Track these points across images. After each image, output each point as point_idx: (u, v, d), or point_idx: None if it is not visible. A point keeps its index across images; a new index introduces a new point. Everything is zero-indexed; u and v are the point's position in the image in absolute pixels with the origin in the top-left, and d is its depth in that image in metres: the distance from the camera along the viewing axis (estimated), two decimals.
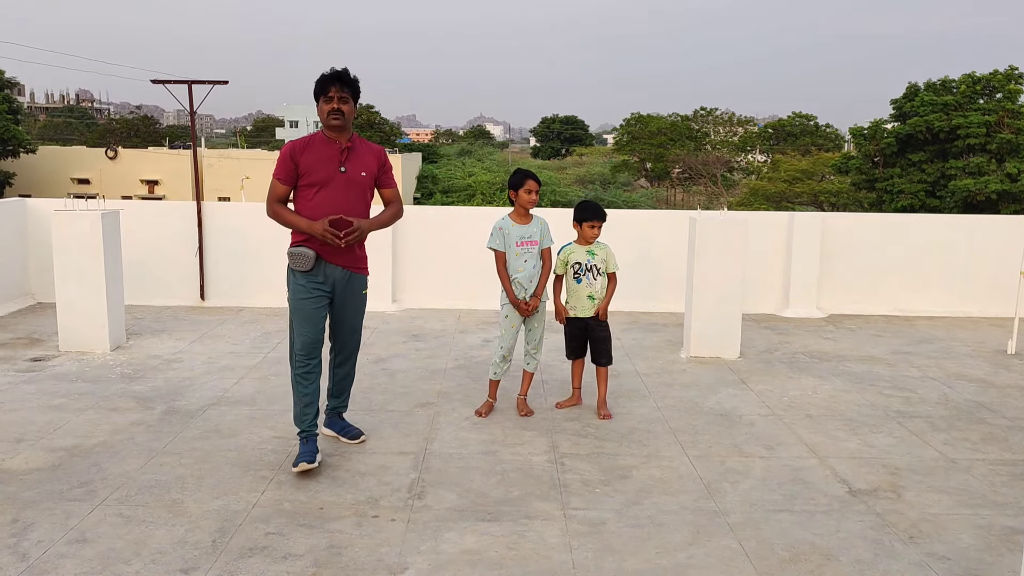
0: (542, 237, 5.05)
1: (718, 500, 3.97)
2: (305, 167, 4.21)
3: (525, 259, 4.97)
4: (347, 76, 4.22)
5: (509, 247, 4.98)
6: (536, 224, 5.06)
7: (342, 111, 4.21)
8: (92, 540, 3.48)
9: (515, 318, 5.05)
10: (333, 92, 4.19)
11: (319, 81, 4.22)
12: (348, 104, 4.23)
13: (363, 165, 4.31)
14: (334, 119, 4.20)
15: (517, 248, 4.97)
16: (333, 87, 4.19)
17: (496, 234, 5.02)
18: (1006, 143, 25.78)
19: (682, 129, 54.40)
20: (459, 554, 3.42)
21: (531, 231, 5.02)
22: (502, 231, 5.00)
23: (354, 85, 4.26)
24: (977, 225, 8.52)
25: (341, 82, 4.20)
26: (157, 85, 8.30)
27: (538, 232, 5.04)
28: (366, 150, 4.38)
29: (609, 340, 5.21)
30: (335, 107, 4.19)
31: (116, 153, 40.90)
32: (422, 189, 47.18)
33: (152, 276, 8.20)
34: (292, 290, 4.28)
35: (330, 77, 4.20)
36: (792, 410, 5.32)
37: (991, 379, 6.10)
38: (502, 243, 5.00)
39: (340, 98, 4.20)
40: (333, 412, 4.70)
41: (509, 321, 5.06)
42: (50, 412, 5.04)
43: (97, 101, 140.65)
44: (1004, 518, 3.82)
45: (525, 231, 5.00)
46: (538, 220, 5.09)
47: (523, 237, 4.99)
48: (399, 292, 8.33)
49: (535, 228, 5.04)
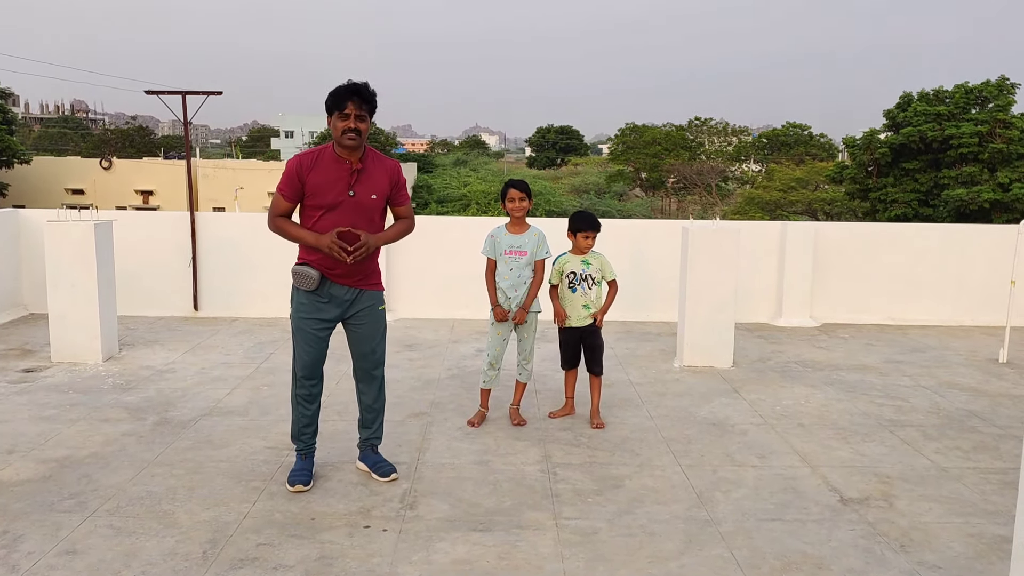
0: (536, 248, 5.05)
1: (710, 509, 3.97)
2: (312, 187, 3.91)
3: (511, 267, 5.01)
4: (366, 91, 3.87)
5: (499, 255, 5.04)
6: (530, 235, 5.07)
7: (359, 130, 3.85)
8: (82, 552, 3.46)
9: (501, 326, 5.07)
10: (350, 109, 3.82)
11: (334, 94, 3.86)
12: (365, 122, 3.87)
13: (374, 187, 3.99)
14: (349, 139, 3.85)
15: (505, 256, 5.03)
16: (351, 103, 3.82)
17: (488, 241, 5.10)
18: (998, 153, 25.89)
19: (677, 139, 54.52)
20: (451, 564, 3.41)
21: (522, 241, 5.04)
22: (493, 238, 5.08)
23: (372, 101, 3.90)
24: (969, 234, 8.56)
25: (360, 97, 3.84)
26: (151, 96, 8.31)
27: (531, 243, 5.04)
28: (378, 168, 4.04)
29: (602, 349, 5.23)
30: (351, 126, 3.83)
31: (111, 163, 40.84)
32: (417, 199, 47.20)
33: (145, 287, 8.18)
34: (295, 308, 4.08)
35: (347, 91, 3.84)
36: (785, 419, 5.33)
37: (983, 388, 6.12)
38: (492, 250, 5.06)
39: (357, 116, 3.84)
40: (366, 445, 4.34)
41: (495, 329, 5.10)
42: (42, 423, 5.03)
43: (92, 112, 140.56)
44: (995, 526, 3.83)
45: (515, 240, 5.04)
46: (534, 231, 5.10)
47: (512, 246, 5.03)
48: (393, 302, 8.32)
49: (528, 239, 5.05)
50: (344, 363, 4.45)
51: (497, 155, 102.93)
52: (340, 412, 5.26)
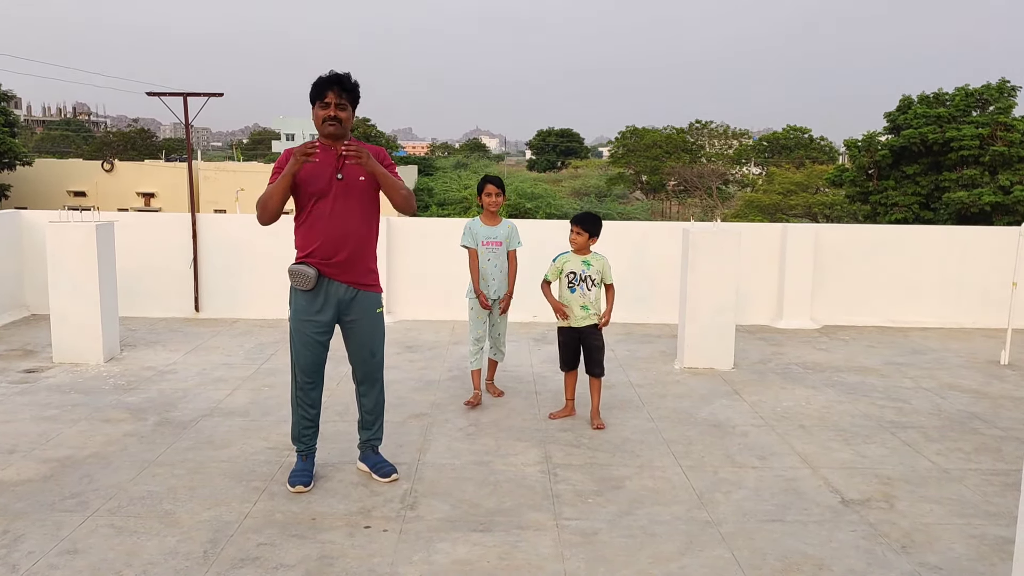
0: (508, 239, 5.51)
1: (711, 510, 3.97)
2: (301, 177, 3.94)
3: (488, 257, 5.46)
4: (347, 81, 3.93)
5: (477, 245, 5.43)
6: (503, 227, 5.52)
7: (339, 118, 3.91)
8: (83, 551, 3.46)
9: (478, 309, 5.51)
10: (330, 97, 3.90)
11: (316, 84, 3.93)
12: (346, 111, 3.94)
13: (362, 169, 3.96)
14: (329, 126, 3.91)
15: (482, 247, 5.45)
16: (331, 92, 3.90)
17: (467, 232, 5.50)
18: (999, 155, 25.89)
19: (677, 142, 54.55)
20: (451, 564, 3.41)
21: (496, 232, 5.48)
22: (471, 230, 5.48)
23: (354, 91, 3.97)
24: (970, 236, 8.56)
25: (340, 87, 3.91)
26: (153, 98, 8.32)
27: (504, 234, 5.50)
28: None
29: (602, 350, 5.23)
30: (331, 114, 3.90)
31: (112, 166, 40.90)
32: (418, 201, 47.09)
33: (146, 288, 8.19)
34: (293, 310, 4.07)
35: (328, 81, 3.90)
36: (785, 421, 5.32)
37: (984, 389, 6.12)
38: (472, 240, 5.46)
39: (338, 104, 3.91)
40: (366, 446, 4.34)
41: (475, 313, 5.54)
42: (43, 423, 5.03)
43: (94, 114, 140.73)
44: (997, 528, 3.82)
45: (491, 232, 5.47)
46: (506, 223, 5.57)
47: (488, 237, 5.46)
48: (393, 304, 8.33)
49: (502, 230, 5.50)
50: (344, 364, 4.44)
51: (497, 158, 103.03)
52: (341, 413, 5.26)
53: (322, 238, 3.96)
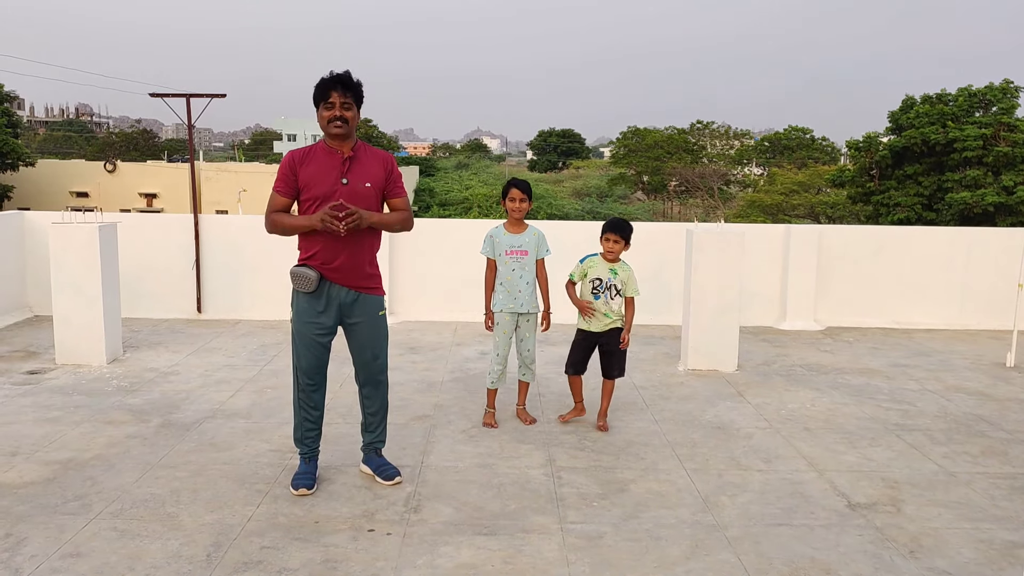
0: (536, 248, 5.06)
1: (716, 514, 3.94)
2: (305, 180, 3.92)
3: (513, 268, 5.01)
4: (350, 80, 3.90)
5: (499, 255, 5.03)
6: (529, 234, 5.07)
7: (345, 118, 3.88)
8: (86, 554, 3.44)
9: (507, 325, 5.07)
10: (335, 98, 3.87)
11: (319, 86, 3.90)
12: (351, 111, 3.91)
13: (367, 175, 3.97)
14: (335, 127, 3.88)
15: (506, 256, 5.02)
16: (335, 92, 3.87)
17: (487, 241, 5.09)
18: (1002, 156, 25.83)
19: (679, 142, 54.49)
20: (455, 568, 3.39)
21: (522, 241, 5.04)
22: (492, 238, 5.07)
23: (357, 90, 3.94)
24: (976, 237, 8.53)
25: (343, 86, 3.88)
26: (156, 99, 8.30)
27: (531, 243, 5.05)
28: (371, 159, 4.04)
29: (624, 353, 5.17)
30: (337, 114, 3.87)
31: (115, 167, 40.89)
32: (419, 202, 47.21)
33: (149, 289, 8.18)
34: (295, 312, 4.05)
35: (331, 81, 3.87)
36: (790, 423, 5.30)
37: (990, 392, 6.09)
38: (491, 250, 5.05)
39: (343, 104, 3.88)
40: (370, 448, 4.32)
41: (500, 328, 5.09)
42: (46, 425, 5.01)
43: (96, 115, 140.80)
44: (1005, 532, 3.80)
45: (515, 240, 5.04)
46: (532, 231, 5.10)
47: (513, 246, 5.02)
48: (396, 305, 8.31)
49: (527, 238, 5.05)
50: (347, 366, 4.42)
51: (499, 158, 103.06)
52: (344, 415, 5.24)
53: (324, 241, 3.94)
